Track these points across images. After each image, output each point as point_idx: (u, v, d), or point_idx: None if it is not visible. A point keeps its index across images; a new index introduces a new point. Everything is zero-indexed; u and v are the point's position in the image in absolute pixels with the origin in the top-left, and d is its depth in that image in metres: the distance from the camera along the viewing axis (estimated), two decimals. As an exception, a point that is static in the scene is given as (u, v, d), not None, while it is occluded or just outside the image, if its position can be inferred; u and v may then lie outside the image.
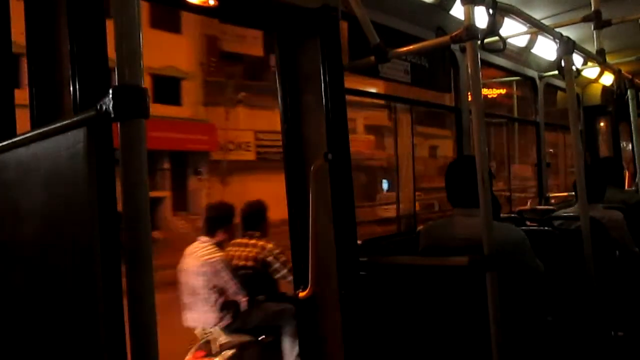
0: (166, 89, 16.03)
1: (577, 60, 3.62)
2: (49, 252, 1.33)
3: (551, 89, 5.32)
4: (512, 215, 3.83)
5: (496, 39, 2.32)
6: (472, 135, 2.15)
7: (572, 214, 3.43)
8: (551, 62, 4.70)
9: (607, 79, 5.48)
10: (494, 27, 2.20)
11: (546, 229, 3.06)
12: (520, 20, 2.65)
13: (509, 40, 3.17)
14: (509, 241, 2.31)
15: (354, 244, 2.32)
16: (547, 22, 3.29)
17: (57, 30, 1.55)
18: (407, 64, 3.18)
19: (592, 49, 3.49)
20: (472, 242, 2.16)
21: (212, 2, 2.13)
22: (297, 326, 2.58)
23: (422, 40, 2.99)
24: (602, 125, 6.50)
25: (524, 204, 5.81)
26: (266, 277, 3.95)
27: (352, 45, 2.63)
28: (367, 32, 2.40)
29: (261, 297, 3.93)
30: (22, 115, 1.65)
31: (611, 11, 3.40)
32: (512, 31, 3.47)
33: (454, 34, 2.15)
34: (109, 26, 1.21)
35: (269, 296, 3.98)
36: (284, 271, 3.91)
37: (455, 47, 3.52)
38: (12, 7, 1.70)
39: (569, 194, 5.69)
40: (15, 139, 1.44)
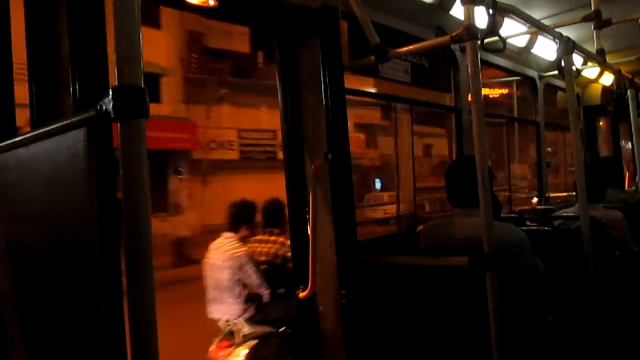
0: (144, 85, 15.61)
1: (577, 60, 3.62)
2: (49, 252, 1.33)
3: (551, 88, 5.32)
4: (512, 215, 3.83)
5: (496, 39, 2.32)
6: (472, 135, 2.14)
7: (572, 214, 3.43)
8: (551, 62, 4.70)
9: (607, 79, 5.48)
10: (494, 27, 2.20)
11: (546, 228, 3.06)
12: (520, 20, 2.65)
13: (509, 40, 3.16)
14: (509, 241, 2.31)
15: (354, 244, 2.32)
16: (547, 22, 3.29)
17: (57, 30, 1.55)
18: (407, 63, 3.18)
19: (592, 48, 3.49)
20: (472, 242, 2.16)
21: (212, 2, 2.13)
22: (297, 326, 2.58)
23: (422, 40, 2.99)
24: (602, 124, 6.49)
25: (521, 203, 5.81)
26: (286, 271, 4.07)
27: (352, 45, 2.63)
28: (367, 32, 2.39)
29: (282, 290, 4.06)
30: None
31: (611, 11, 3.39)
32: (512, 31, 3.47)
33: (454, 34, 2.15)
34: (109, 26, 1.21)
35: (289, 290, 4.13)
36: None
37: (455, 47, 3.52)
38: (12, 7, 1.70)
39: (569, 193, 5.70)
40: (15, 139, 1.44)
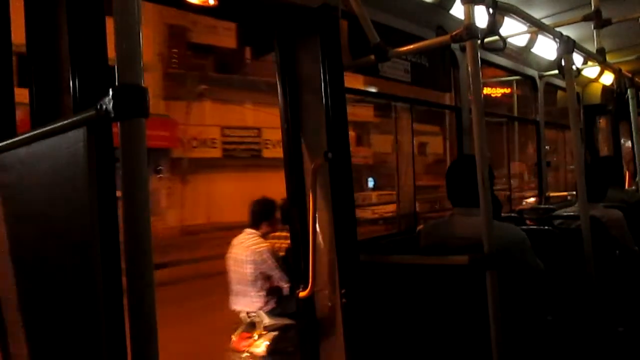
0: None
1: (577, 59, 3.62)
2: (49, 251, 1.33)
3: (551, 88, 5.31)
4: (512, 214, 3.83)
5: (496, 38, 2.32)
6: (472, 134, 2.14)
7: (572, 213, 3.43)
8: (551, 61, 4.69)
9: (607, 78, 5.48)
10: (494, 27, 2.19)
11: (546, 228, 3.06)
12: (520, 19, 2.65)
13: (509, 39, 3.16)
14: (509, 240, 2.31)
15: (354, 243, 2.32)
16: (547, 22, 3.29)
17: (57, 30, 1.55)
18: (407, 63, 3.18)
19: (592, 48, 3.49)
20: (472, 241, 2.16)
21: (212, 2, 2.13)
22: (298, 326, 2.58)
23: (423, 39, 2.99)
24: (602, 123, 6.49)
25: (518, 202, 5.80)
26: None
27: (352, 44, 2.63)
28: (367, 31, 2.39)
29: (302, 284, 4.21)
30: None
31: (611, 10, 3.39)
32: (512, 30, 3.47)
33: (454, 33, 2.15)
34: (109, 26, 1.21)
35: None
36: None
37: (455, 47, 3.52)
38: (12, 7, 1.70)
39: (570, 193, 5.69)
40: (15, 139, 1.44)
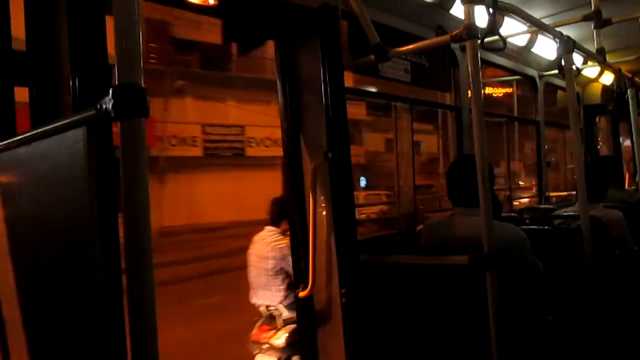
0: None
1: (577, 59, 3.62)
2: (49, 251, 1.33)
3: (551, 88, 5.31)
4: (512, 214, 3.83)
5: (496, 38, 2.32)
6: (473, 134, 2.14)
7: (572, 213, 3.43)
8: (551, 61, 4.70)
9: (607, 78, 5.48)
10: (494, 26, 2.19)
11: (546, 228, 3.06)
12: (520, 19, 2.65)
13: (509, 39, 3.16)
14: (509, 240, 2.31)
15: (354, 243, 2.32)
16: (547, 21, 3.29)
17: (57, 29, 1.55)
18: (407, 63, 3.18)
19: (592, 48, 3.49)
20: (472, 241, 2.16)
21: (212, 2, 2.13)
22: (298, 326, 2.58)
23: (422, 39, 2.99)
24: (601, 122, 6.48)
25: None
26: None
27: (352, 44, 2.63)
28: (367, 31, 2.39)
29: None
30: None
31: (611, 10, 3.39)
32: (512, 30, 3.47)
33: (454, 33, 2.15)
34: (109, 25, 1.21)
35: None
36: None
37: (455, 46, 3.52)
38: (12, 7, 1.70)
39: (569, 193, 5.70)
40: (15, 139, 1.44)
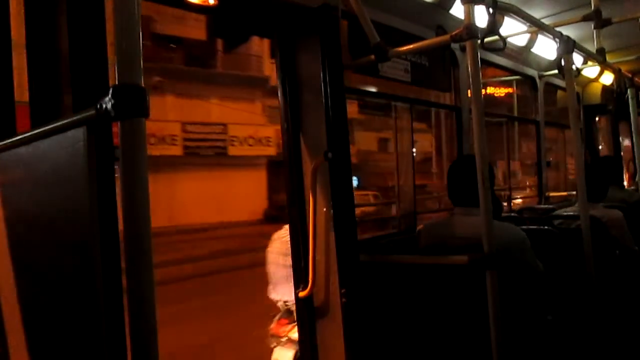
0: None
1: (577, 59, 3.62)
2: (49, 251, 1.33)
3: (551, 88, 5.31)
4: (512, 214, 3.83)
5: (496, 38, 2.32)
6: (473, 134, 2.14)
7: (572, 213, 3.43)
8: (551, 61, 4.69)
9: (607, 78, 5.48)
10: (494, 26, 2.19)
11: (546, 228, 3.06)
12: (520, 19, 2.65)
13: (509, 39, 3.16)
14: (509, 240, 2.31)
15: (354, 243, 2.32)
16: (547, 21, 3.29)
17: (57, 29, 1.55)
18: (407, 63, 3.18)
19: (592, 48, 3.49)
20: (472, 241, 2.16)
21: (212, 2, 2.13)
22: (298, 326, 2.58)
23: (422, 39, 2.98)
24: (601, 122, 6.48)
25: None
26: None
27: (352, 44, 2.63)
28: (367, 31, 2.39)
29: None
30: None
31: (611, 10, 3.39)
32: (512, 30, 3.47)
33: (454, 33, 2.15)
34: (109, 25, 1.21)
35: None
36: None
37: (455, 46, 3.52)
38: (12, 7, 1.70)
39: (569, 193, 5.70)
40: (15, 138, 1.44)
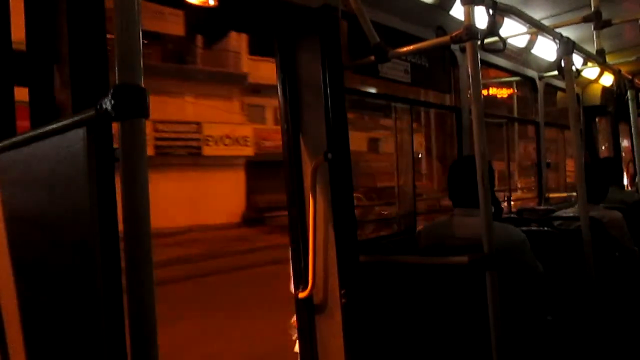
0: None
1: (577, 60, 3.62)
2: (49, 251, 1.33)
3: (551, 89, 5.32)
4: (512, 215, 3.83)
5: (496, 39, 2.32)
6: (473, 135, 2.15)
7: (571, 214, 3.44)
8: (551, 62, 4.69)
9: (607, 79, 5.48)
10: (493, 27, 2.19)
11: (546, 229, 3.06)
12: (520, 20, 2.65)
13: (509, 40, 3.16)
14: (508, 241, 2.32)
15: (354, 243, 2.32)
16: (547, 23, 3.29)
17: (57, 29, 1.54)
18: (407, 63, 3.18)
19: (592, 49, 3.49)
20: (471, 242, 2.16)
21: (212, 2, 2.13)
22: (297, 326, 2.58)
23: (422, 40, 2.99)
24: (601, 123, 6.48)
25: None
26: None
27: (352, 44, 2.63)
28: (367, 32, 2.39)
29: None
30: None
31: (611, 11, 3.39)
32: (512, 31, 3.46)
33: (454, 34, 2.15)
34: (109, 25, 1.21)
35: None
36: None
37: (455, 47, 3.52)
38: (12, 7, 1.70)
39: (569, 194, 5.70)
40: (15, 139, 1.44)
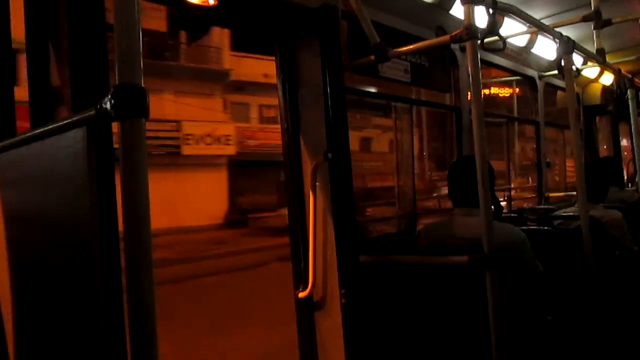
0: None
1: (577, 59, 3.62)
2: (49, 251, 1.33)
3: (551, 88, 5.32)
4: (512, 215, 3.83)
5: (496, 38, 2.32)
6: (473, 134, 2.15)
7: (571, 214, 3.44)
8: (551, 61, 4.69)
9: (607, 79, 5.49)
10: (493, 27, 2.19)
11: (546, 228, 3.06)
12: (520, 19, 2.65)
13: (509, 39, 3.16)
14: (509, 241, 2.32)
15: (354, 243, 2.32)
16: (547, 22, 3.29)
17: (57, 29, 1.54)
18: (407, 63, 3.18)
19: (592, 48, 3.49)
20: (472, 242, 2.16)
21: (211, 2, 2.13)
22: (297, 326, 2.58)
23: (422, 39, 2.99)
24: (601, 123, 6.48)
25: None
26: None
27: (352, 44, 2.63)
28: (367, 31, 2.39)
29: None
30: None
31: (611, 11, 3.39)
32: (512, 31, 3.46)
33: (454, 34, 2.15)
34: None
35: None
36: None
37: (455, 47, 3.52)
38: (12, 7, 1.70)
39: (567, 194, 5.70)
40: (14, 139, 1.44)
